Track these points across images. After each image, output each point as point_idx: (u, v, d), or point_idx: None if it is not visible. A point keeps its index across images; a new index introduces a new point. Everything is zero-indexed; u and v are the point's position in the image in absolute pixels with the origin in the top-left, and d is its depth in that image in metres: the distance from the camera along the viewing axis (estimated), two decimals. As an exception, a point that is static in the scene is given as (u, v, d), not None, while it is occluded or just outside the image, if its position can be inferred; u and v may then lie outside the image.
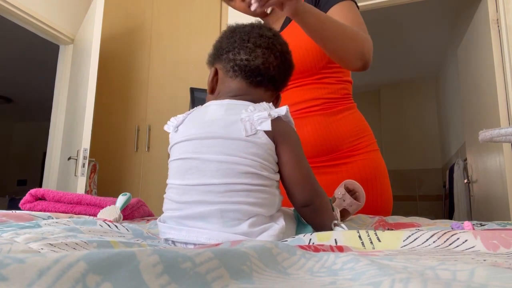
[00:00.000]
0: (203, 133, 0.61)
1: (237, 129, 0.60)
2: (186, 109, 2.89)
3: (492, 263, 0.34)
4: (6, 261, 0.22)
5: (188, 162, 0.61)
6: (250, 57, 0.68)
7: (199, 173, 0.59)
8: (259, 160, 0.59)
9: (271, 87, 0.70)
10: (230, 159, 0.58)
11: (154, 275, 0.26)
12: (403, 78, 5.29)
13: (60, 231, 0.54)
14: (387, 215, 1.07)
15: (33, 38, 3.22)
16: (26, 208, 1.01)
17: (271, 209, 0.61)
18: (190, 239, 0.57)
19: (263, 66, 0.68)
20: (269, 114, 0.61)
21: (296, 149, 0.64)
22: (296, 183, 0.63)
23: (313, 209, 0.64)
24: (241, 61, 0.68)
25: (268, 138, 0.60)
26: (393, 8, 2.75)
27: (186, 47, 2.94)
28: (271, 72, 0.68)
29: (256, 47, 0.68)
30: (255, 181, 0.58)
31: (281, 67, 0.70)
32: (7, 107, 6.54)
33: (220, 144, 0.59)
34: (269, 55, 0.69)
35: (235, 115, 0.62)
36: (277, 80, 0.70)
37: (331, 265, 0.35)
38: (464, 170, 3.32)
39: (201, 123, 0.63)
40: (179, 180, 0.61)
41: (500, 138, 1.16)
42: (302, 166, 0.64)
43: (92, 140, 2.53)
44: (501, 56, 2.29)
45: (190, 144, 0.62)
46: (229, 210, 0.56)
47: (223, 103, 0.65)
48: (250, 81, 0.68)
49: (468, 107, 2.98)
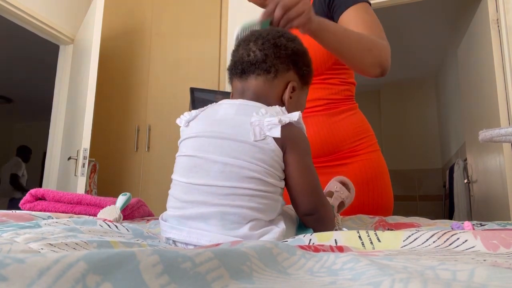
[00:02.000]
0: (211, 131, 0.61)
1: (245, 131, 0.59)
2: (186, 109, 2.90)
3: (492, 263, 0.34)
4: (6, 261, 0.22)
5: (193, 159, 0.60)
6: (233, 56, 0.70)
7: (203, 172, 0.58)
8: (265, 166, 0.58)
9: (261, 72, 0.67)
10: (235, 162, 0.57)
11: (154, 275, 0.26)
12: (403, 78, 5.29)
13: (60, 231, 0.54)
14: (388, 214, 1.07)
15: (33, 38, 3.22)
16: (26, 208, 1.01)
17: (272, 214, 0.60)
18: (190, 240, 0.57)
19: (242, 56, 0.68)
20: (280, 120, 0.59)
21: (304, 157, 0.63)
22: (301, 192, 0.62)
23: (316, 218, 0.63)
24: (230, 64, 0.71)
25: (276, 145, 0.59)
26: (393, 8, 2.75)
27: (186, 47, 2.94)
28: (250, 57, 0.67)
29: (238, 46, 0.70)
30: (258, 187, 0.57)
31: (264, 50, 0.67)
32: (7, 107, 6.54)
33: (227, 145, 0.59)
34: (248, 44, 0.69)
35: (246, 116, 0.61)
36: (262, 62, 0.66)
37: (331, 265, 0.35)
38: (464, 170, 3.32)
39: (211, 121, 0.63)
40: (184, 178, 0.60)
41: (500, 138, 1.16)
42: (309, 176, 0.63)
43: (92, 140, 2.53)
44: (501, 56, 2.29)
45: (198, 141, 0.62)
46: (229, 213, 0.56)
47: (236, 102, 0.65)
48: (238, 76, 0.69)
49: (468, 107, 2.98)
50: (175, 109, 2.86)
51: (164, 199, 0.65)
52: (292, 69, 0.69)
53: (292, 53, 0.69)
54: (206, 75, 2.83)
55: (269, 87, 0.67)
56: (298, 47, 0.70)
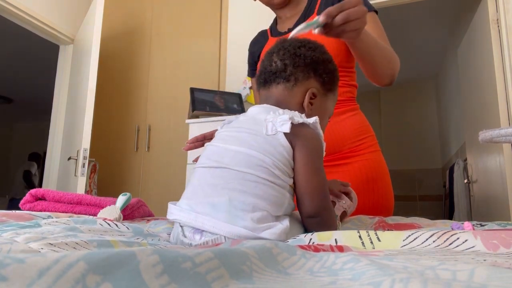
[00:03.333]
0: (233, 127, 0.68)
1: (260, 127, 0.64)
2: (186, 109, 2.88)
3: (492, 263, 0.34)
4: (6, 261, 0.22)
5: (212, 148, 0.67)
6: (260, 65, 0.76)
7: (217, 157, 0.63)
8: (273, 158, 0.61)
9: (281, 81, 0.71)
10: (246, 151, 0.62)
11: (154, 275, 0.26)
12: (403, 78, 5.29)
13: (60, 230, 0.54)
14: (389, 215, 1.07)
15: (33, 38, 3.22)
16: (26, 208, 1.01)
17: (278, 209, 0.60)
18: (196, 224, 0.58)
19: (265, 66, 0.74)
20: (291, 118, 0.63)
21: (313, 158, 0.64)
22: (306, 193, 0.63)
23: (318, 222, 0.64)
24: (256, 75, 0.77)
25: (286, 141, 0.62)
26: (393, 8, 2.75)
27: (186, 47, 2.94)
28: (272, 67, 0.72)
29: (265, 56, 0.76)
30: (265, 175, 0.60)
31: (284, 60, 0.71)
32: (7, 107, 6.54)
33: (242, 137, 0.64)
34: (271, 56, 0.74)
35: (264, 114, 0.66)
36: (281, 71, 0.71)
37: (331, 265, 0.35)
38: (464, 170, 3.32)
39: (237, 121, 0.71)
40: (201, 164, 0.66)
41: (500, 138, 1.16)
42: (316, 177, 0.63)
43: (92, 140, 2.53)
44: (501, 56, 2.29)
45: (221, 136, 0.68)
46: (236, 200, 0.57)
47: (261, 106, 0.72)
48: (262, 85, 0.75)
49: (468, 107, 2.98)
50: (175, 109, 2.86)
51: (164, 199, 0.66)
52: (312, 77, 0.72)
53: (312, 61, 0.72)
54: (206, 75, 2.83)
55: (289, 95, 0.71)
56: (318, 56, 0.73)
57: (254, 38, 1.30)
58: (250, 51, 1.30)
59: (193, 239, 0.58)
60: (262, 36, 1.27)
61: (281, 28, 1.21)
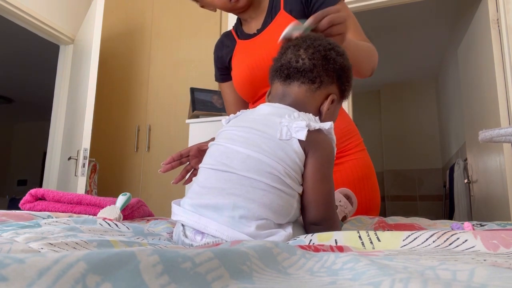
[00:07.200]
0: (242, 126, 0.65)
1: (273, 130, 0.61)
2: (186, 109, 2.88)
3: (492, 263, 0.34)
4: (6, 261, 0.22)
5: (220, 148, 0.64)
6: (280, 57, 0.72)
7: (226, 160, 0.61)
8: (285, 166, 0.59)
9: (306, 81, 0.68)
10: (257, 156, 0.59)
11: (154, 275, 0.26)
12: (403, 78, 5.29)
13: (60, 230, 0.54)
14: (376, 214, 1.08)
15: (33, 38, 3.22)
16: (26, 208, 1.01)
17: (283, 218, 0.60)
18: (199, 227, 0.57)
19: (290, 61, 0.70)
20: (308, 125, 0.60)
21: (324, 165, 0.63)
22: (312, 201, 0.62)
23: (321, 230, 0.62)
24: (275, 65, 0.72)
25: (300, 147, 0.60)
26: (393, 8, 2.74)
27: (186, 47, 2.94)
28: (299, 64, 0.69)
29: (287, 49, 0.71)
30: (275, 184, 0.58)
31: (314, 60, 0.68)
32: (7, 107, 6.54)
33: (252, 140, 0.61)
34: (298, 50, 0.70)
35: (278, 117, 0.63)
36: (309, 71, 0.68)
37: (331, 265, 0.35)
38: (464, 170, 3.32)
39: (246, 118, 0.67)
40: (208, 164, 0.64)
41: (500, 138, 1.16)
42: (324, 185, 0.62)
43: (92, 140, 2.53)
44: (501, 56, 2.29)
45: (229, 134, 0.65)
46: (241, 207, 0.56)
47: (271, 105, 0.69)
48: (282, 79, 0.70)
49: (468, 107, 2.98)
50: (175, 109, 2.86)
51: (164, 199, 0.66)
52: (335, 83, 0.71)
53: (340, 68, 0.70)
54: (206, 75, 2.82)
55: (310, 97, 0.69)
56: (345, 63, 0.72)
57: (219, 41, 1.24)
58: (218, 55, 1.23)
59: (194, 239, 0.58)
60: (228, 38, 1.21)
61: (248, 30, 1.16)
